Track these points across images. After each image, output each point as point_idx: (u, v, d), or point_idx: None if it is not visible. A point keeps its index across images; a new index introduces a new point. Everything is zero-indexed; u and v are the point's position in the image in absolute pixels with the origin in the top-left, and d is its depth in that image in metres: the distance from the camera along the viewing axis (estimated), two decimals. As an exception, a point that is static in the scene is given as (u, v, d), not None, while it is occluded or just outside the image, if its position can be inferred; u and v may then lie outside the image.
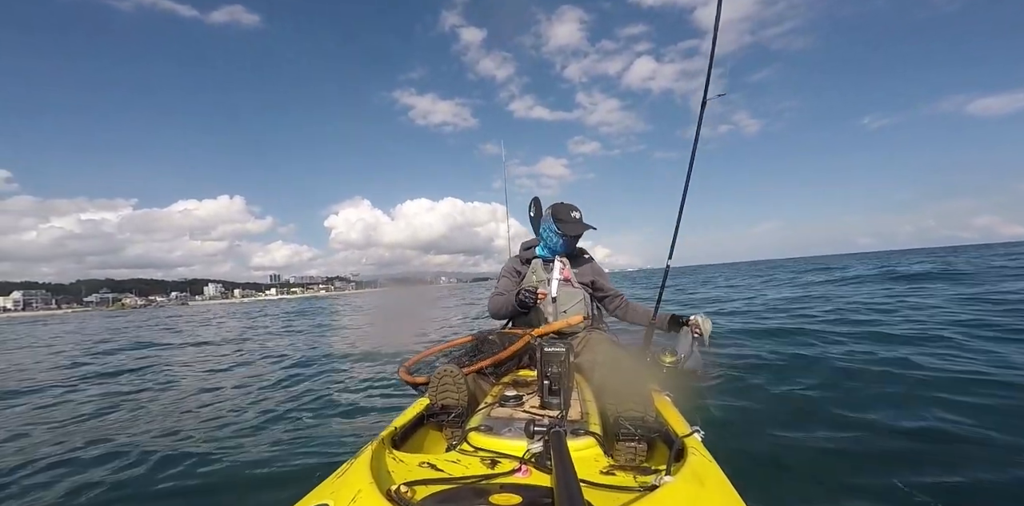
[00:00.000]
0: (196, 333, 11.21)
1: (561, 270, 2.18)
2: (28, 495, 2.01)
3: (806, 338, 4.26)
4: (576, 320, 1.93)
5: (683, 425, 1.25)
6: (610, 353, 1.78)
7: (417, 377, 1.82)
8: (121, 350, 7.95)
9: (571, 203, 2.18)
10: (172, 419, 3.16)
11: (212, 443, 2.58)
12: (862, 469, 1.77)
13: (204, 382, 4.46)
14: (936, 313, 5.00)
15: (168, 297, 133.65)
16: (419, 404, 1.48)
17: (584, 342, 1.95)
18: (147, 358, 6.65)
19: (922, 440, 1.97)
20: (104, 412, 3.47)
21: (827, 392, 2.69)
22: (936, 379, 2.69)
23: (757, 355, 3.76)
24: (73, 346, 9.51)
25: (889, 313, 5.30)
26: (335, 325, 10.91)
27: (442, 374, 1.49)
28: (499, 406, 1.49)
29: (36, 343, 11.31)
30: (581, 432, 1.22)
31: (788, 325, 4.97)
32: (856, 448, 1.95)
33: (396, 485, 0.88)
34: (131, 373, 5.32)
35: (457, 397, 1.45)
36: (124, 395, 4.05)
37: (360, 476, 0.89)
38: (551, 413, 1.38)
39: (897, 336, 3.97)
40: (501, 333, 1.98)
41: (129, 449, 2.49)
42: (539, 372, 1.47)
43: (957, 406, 2.28)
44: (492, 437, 1.20)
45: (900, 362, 3.10)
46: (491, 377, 1.84)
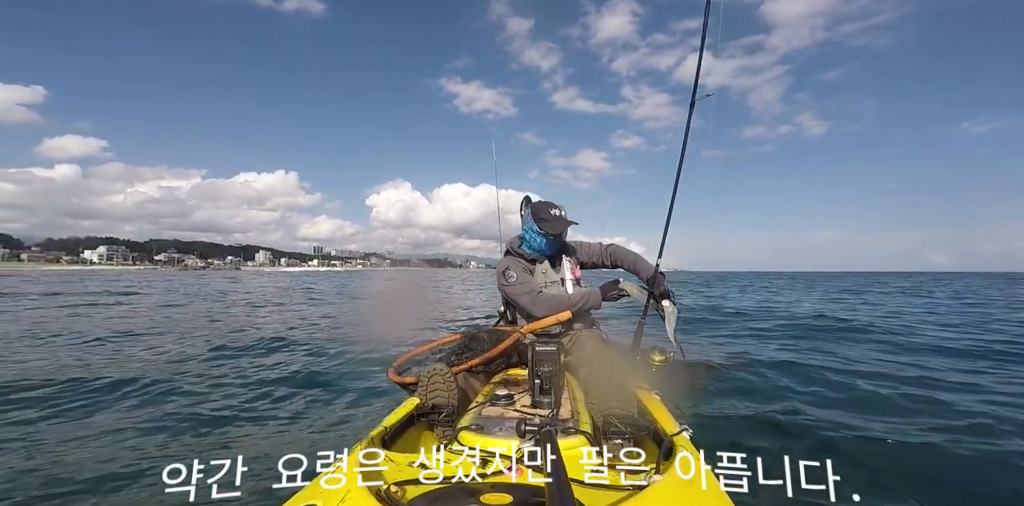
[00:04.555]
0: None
1: (572, 269, 2.11)
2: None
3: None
4: (566, 316, 1.90)
5: (672, 424, 1.26)
6: (600, 352, 1.78)
7: (406, 377, 1.81)
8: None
9: (550, 200, 2.09)
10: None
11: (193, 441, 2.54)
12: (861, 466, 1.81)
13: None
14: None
15: (224, 261, 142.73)
16: (409, 403, 1.48)
17: (574, 340, 1.95)
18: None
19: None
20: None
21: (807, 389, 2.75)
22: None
23: (745, 352, 3.82)
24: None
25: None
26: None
27: (431, 373, 1.48)
28: (490, 405, 1.49)
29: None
30: (572, 431, 1.22)
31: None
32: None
33: (386, 485, 0.87)
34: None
35: (447, 396, 1.44)
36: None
37: (349, 476, 0.88)
38: (542, 412, 1.38)
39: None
40: (490, 331, 1.97)
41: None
42: (530, 371, 1.47)
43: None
44: (483, 436, 1.19)
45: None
46: (482, 376, 1.83)
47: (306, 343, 5.39)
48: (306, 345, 5.36)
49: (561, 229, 2.01)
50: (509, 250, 2.20)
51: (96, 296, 12.79)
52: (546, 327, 1.88)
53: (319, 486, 0.89)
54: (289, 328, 6.78)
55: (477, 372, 1.81)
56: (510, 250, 2.19)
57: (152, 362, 4.33)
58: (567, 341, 1.94)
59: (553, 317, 1.88)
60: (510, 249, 2.19)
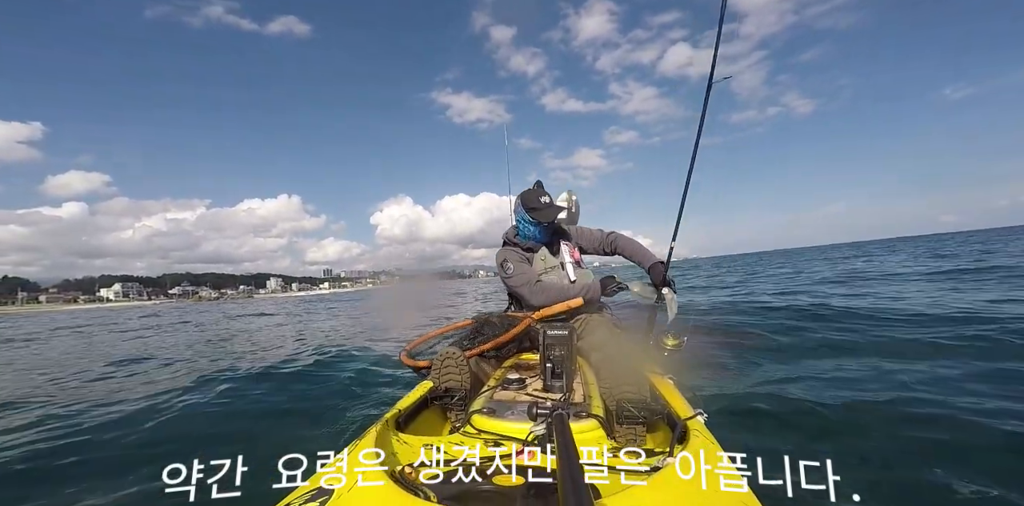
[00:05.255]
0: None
1: (570, 252, 2.12)
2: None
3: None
4: (576, 303, 1.91)
5: (686, 408, 1.25)
6: (611, 336, 1.78)
7: (419, 361, 1.83)
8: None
9: (538, 189, 2.09)
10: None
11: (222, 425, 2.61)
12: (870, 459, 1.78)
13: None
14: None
15: (237, 290, 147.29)
16: (423, 387, 1.49)
17: (585, 325, 1.94)
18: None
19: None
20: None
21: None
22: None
23: (760, 335, 3.78)
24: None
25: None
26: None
27: (444, 356, 1.49)
28: (502, 389, 1.50)
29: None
30: (584, 415, 1.22)
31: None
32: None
33: (401, 466, 0.88)
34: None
35: (460, 380, 1.45)
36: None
37: (365, 457, 0.90)
38: (554, 396, 1.38)
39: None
40: (502, 316, 1.97)
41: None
42: (541, 355, 1.47)
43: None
44: (495, 420, 1.20)
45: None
46: (493, 360, 1.84)
47: (313, 347, 5.51)
48: (309, 347, 5.49)
49: (552, 217, 2.02)
50: (506, 241, 2.22)
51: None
52: (557, 313, 1.90)
53: (336, 466, 0.91)
54: (298, 339, 7.02)
55: (489, 357, 1.82)
56: (507, 240, 2.21)
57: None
58: (578, 325, 1.94)
59: (563, 304, 1.91)
60: (507, 239, 2.22)
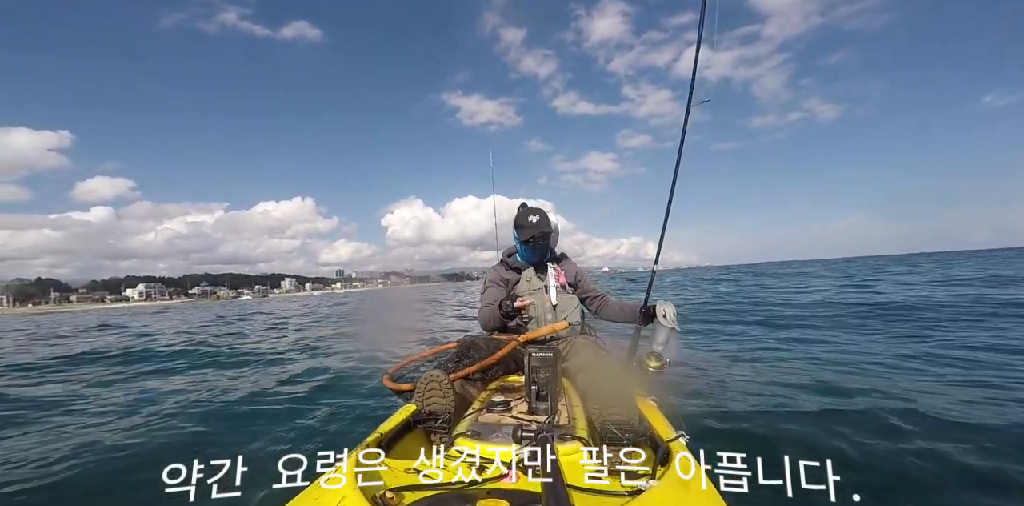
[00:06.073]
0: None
1: (556, 276, 2.11)
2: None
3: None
4: (561, 326, 1.93)
5: (668, 429, 1.26)
6: (596, 358, 1.79)
7: (402, 384, 1.80)
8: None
9: (535, 207, 2.08)
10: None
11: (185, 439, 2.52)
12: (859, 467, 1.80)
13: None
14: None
15: (252, 290, 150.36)
16: (406, 410, 1.47)
17: (570, 347, 1.95)
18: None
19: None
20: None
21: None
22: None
23: (738, 357, 3.82)
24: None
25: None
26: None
27: (428, 379, 1.48)
28: (487, 411, 1.49)
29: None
30: (568, 437, 1.22)
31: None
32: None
33: (382, 491, 0.87)
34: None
35: (444, 402, 1.44)
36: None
37: (345, 482, 0.88)
38: (539, 418, 1.38)
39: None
40: (487, 339, 1.97)
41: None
42: (527, 377, 1.47)
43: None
44: (480, 442, 1.19)
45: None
46: (478, 382, 1.83)
47: (313, 347, 5.42)
48: (311, 348, 5.39)
49: (530, 235, 1.99)
50: (502, 259, 2.26)
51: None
52: (542, 336, 1.91)
53: (314, 492, 0.89)
54: (299, 339, 6.90)
55: (474, 379, 1.80)
56: (502, 259, 2.26)
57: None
58: (563, 347, 1.95)
59: (549, 327, 1.94)
60: (502, 258, 2.27)
